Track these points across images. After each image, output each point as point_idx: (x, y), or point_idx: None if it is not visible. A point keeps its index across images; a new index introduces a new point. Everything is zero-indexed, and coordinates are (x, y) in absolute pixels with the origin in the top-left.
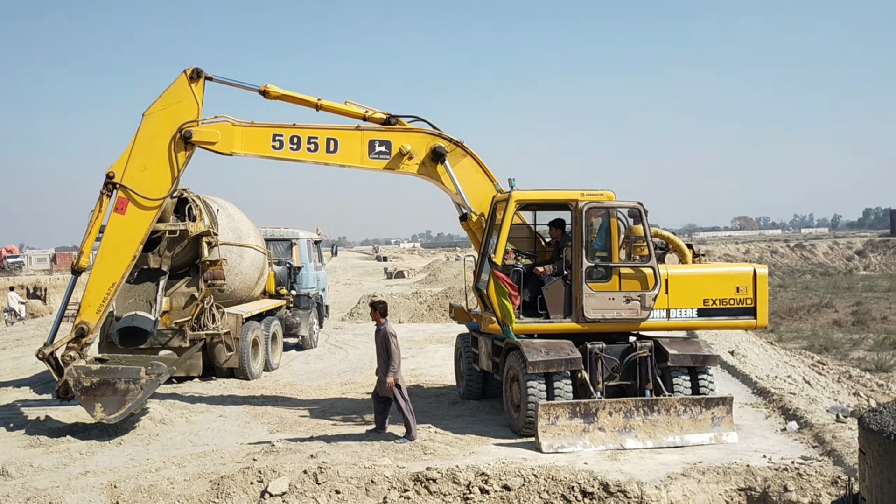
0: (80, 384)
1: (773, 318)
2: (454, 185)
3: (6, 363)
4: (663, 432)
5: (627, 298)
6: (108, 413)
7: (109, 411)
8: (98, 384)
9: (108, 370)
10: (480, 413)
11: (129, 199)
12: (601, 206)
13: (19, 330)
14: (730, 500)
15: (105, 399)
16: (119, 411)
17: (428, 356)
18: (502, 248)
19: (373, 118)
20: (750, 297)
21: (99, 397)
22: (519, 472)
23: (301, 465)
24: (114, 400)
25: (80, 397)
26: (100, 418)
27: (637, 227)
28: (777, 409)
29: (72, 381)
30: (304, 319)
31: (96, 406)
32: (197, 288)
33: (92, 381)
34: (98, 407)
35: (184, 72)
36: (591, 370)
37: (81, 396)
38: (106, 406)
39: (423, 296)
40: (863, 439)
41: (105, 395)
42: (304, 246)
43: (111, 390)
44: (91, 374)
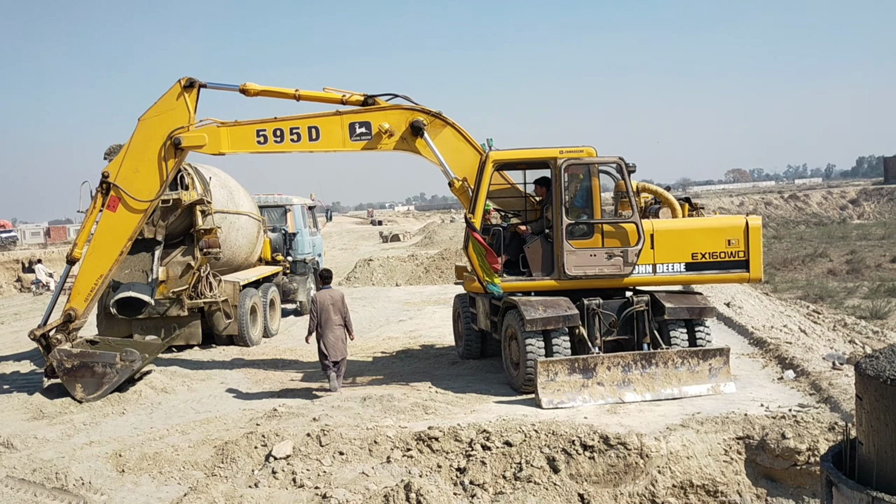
0: (63, 366)
1: (769, 269)
2: (435, 155)
3: (5, 337)
4: (661, 385)
5: (609, 254)
6: (88, 393)
7: (88, 392)
8: (78, 367)
9: (88, 354)
10: (480, 372)
11: (120, 199)
12: (580, 162)
13: (16, 305)
14: (728, 448)
15: (84, 381)
16: (97, 392)
17: (426, 317)
18: (480, 208)
19: (350, 101)
20: (742, 250)
21: (79, 379)
22: (520, 428)
23: (304, 429)
24: (92, 382)
25: (63, 378)
26: (80, 398)
27: (621, 184)
28: (774, 359)
29: (55, 362)
30: (302, 285)
31: (77, 386)
32: (193, 256)
33: (73, 364)
34: (78, 387)
35: (178, 81)
36: (588, 326)
37: (63, 377)
38: (85, 387)
39: (420, 258)
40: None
41: (85, 377)
42: (298, 212)
43: (90, 373)
44: (72, 357)
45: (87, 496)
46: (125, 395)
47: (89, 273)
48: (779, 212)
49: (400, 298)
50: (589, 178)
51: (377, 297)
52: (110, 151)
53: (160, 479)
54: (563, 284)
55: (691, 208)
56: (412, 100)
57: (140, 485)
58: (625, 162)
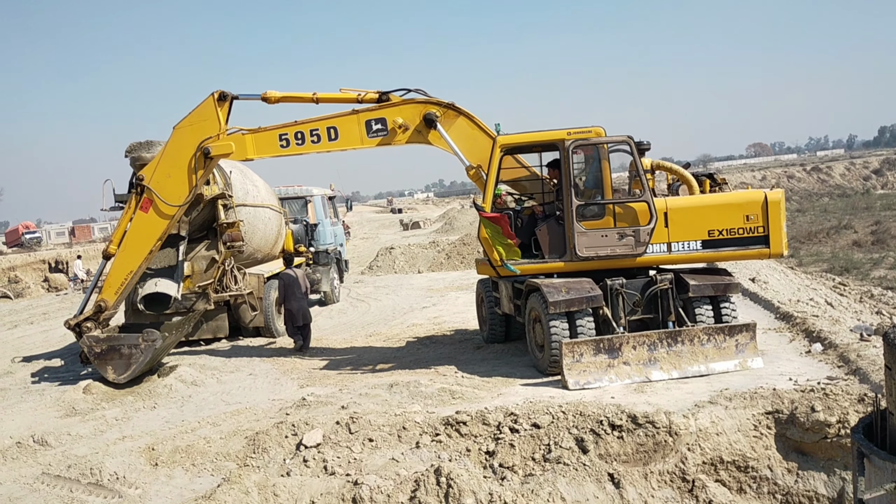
0: (93, 350)
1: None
2: (449, 145)
3: (35, 336)
4: (688, 362)
5: (621, 234)
6: (118, 374)
7: (119, 373)
8: (107, 350)
9: (113, 338)
10: (505, 356)
11: (152, 201)
12: (588, 143)
13: (44, 304)
14: (758, 423)
15: (114, 363)
16: (126, 372)
17: (449, 303)
18: (490, 192)
19: (366, 99)
20: (761, 225)
21: (109, 361)
22: (547, 409)
23: (333, 417)
24: (121, 363)
25: (94, 362)
26: (112, 378)
27: (633, 163)
28: (801, 333)
29: (86, 348)
30: (325, 275)
31: (108, 368)
32: (216, 251)
33: (102, 348)
34: (109, 369)
35: (212, 94)
36: (612, 306)
37: (95, 361)
38: (115, 368)
39: (441, 245)
40: (888, 355)
41: (114, 360)
42: (318, 202)
43: (118, 355)
44: (100, 342)
45: (121, 490)
46: (155, 389)
47: (120, 268)
48: (801, 185)
49: (422, 285)
50: (598, 158)
51: (400, 285)
52: (131, 149)
53: (193, 472)
54: (574, 266)
55: (713, 184)
56: (426, 93)
57: (173, 477)
58: (634, 141)
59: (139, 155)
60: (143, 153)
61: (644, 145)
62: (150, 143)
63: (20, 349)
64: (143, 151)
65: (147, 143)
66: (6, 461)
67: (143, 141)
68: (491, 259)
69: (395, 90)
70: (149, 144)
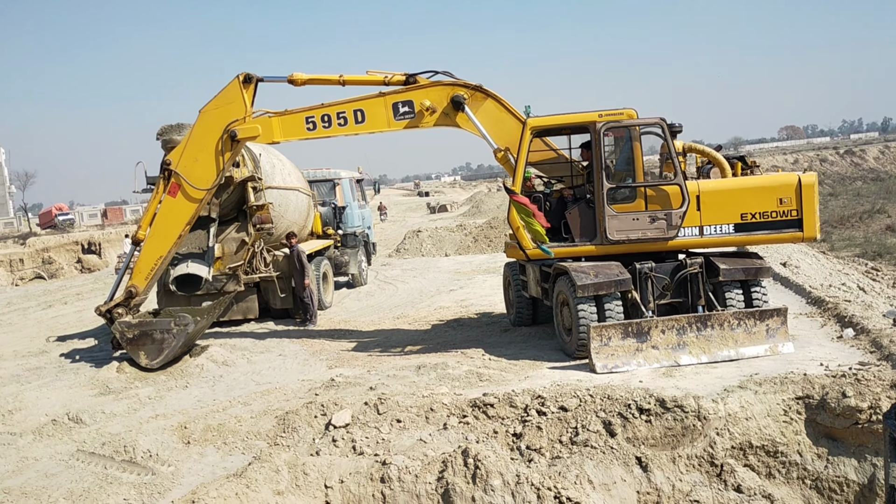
0: (125, 336)
1: (825, 226)
2: (476, 128)
3: (69, 316)
4: (718, 347)
5: (653, 218)
6: (151, 359)
7: (151, 358)
8: (139, 336)
9: (146, 323)
10: (532, 339)
11: (180, 186)
12: (619, 125)
13: (78, 285)
14: (788, 409)
15: (146, 348)
16: (159, 357)
17: (476, 286)
18: (520, 175)
19: (393, 82)
20: (795, 209)
21: (141, 346)
22: (575, 393)
23: (362, 398)
24: (153, 348)
25: (127, 347)
26: (144, 364)
27: (664, 145)
28: (832, 318)
29: (118, 334)
30: (353, 258)
31: (140, 354)
32: (246, 233)
33: (134, 334)
34: (142, 354)
35: (237, 76)
36: (640, 290)
37: (127, 346)
38: (148, 353)
39: (468, 228)
40: None
41: (146, 345)
42: (346, 185)
43: (150, 340)
44: (132, 328)
45: (154, 467)
46: (188, 368)
47: (150, 253)
48: (835, 168)
49: (450, 268)
50: (630, 140)
51: (427, 268)
52: (163, 132)
53: (225, 450)
54: (604, 249)
55: (745, 166)
56: (453, 75)
57: (205, 455)
58: (667, 123)
59: (170, 137)
60: (174, 135)
61: (676, 127)
62: (181, 125)
63: (55, 329)
64: (174, 134)
65: (178, 125)
66: (42, 438)
67: (174, 124)
68: (520, 242)
69: (422, 72)
70: (179, 127)
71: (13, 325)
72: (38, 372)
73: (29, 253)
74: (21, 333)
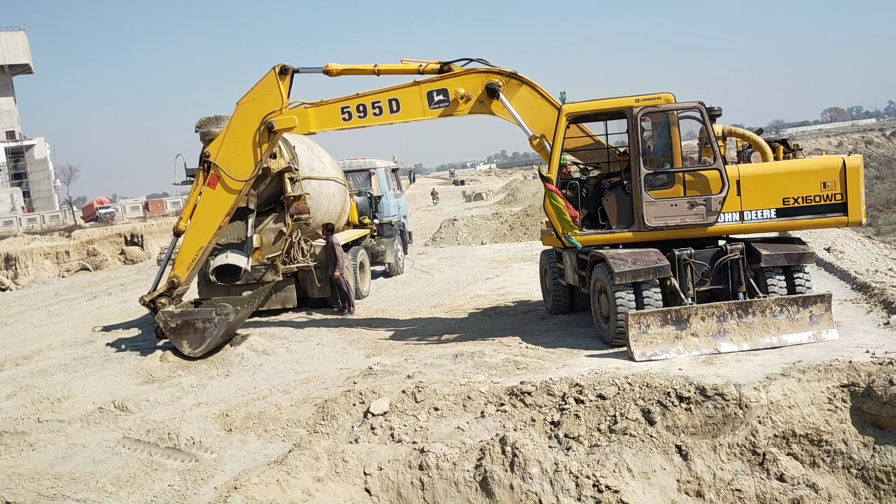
0: (168, 325)
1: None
2: (512, 115)
3: (114, 307)
4: (759, 334)
5: (692, 204)
6: (193, 348)
7: (194, 346)
8: (181, 325)
9: (188, 313)
10: (569, 327)
11: (219, 177)
12: (657, 110)
13: (121, 276)
14: (832, 397)
15: (189, 337)
16: (201, 346)
17: (513, 275)
18: (556, 163)
19: (427, 70)
20: (839, 192)
21: (184, 336)
22: (613, 381)
23: (399, 386)
24: (196, 337)
25: (170, 336)
26: (187, 352)
27: (703, 130)
28: (879, 304)
29: (161, 323)
30: (389, 247)
31: (183, 343)
32: (284, 223)
33: (177, 323)
34: (185, 343)
35: (273, 68)
36: (680, 277)
37: (171, 336)
38: (190, 342)
39: (504, 216)
40: None
41: (189, 334)
42: (382, 175)
43: (192, 329)
44: (175, 317)
45: (198, 454)
46: (228, 357)
47: (191, 244)
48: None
49: (486, 257)
50: (668, 125)
51: (463, 257)
52: (201, 124)
53: (265, 437)
54: (643, 236)
55: (787, 150)
56: (488, 62)
57: (247, 443)
58: (706, 107)
59: (209, 130)
60: (213, 128)
61: (715, 111)
62: (220, 118)
63: (100, 319)
64: (212, 126)
65: (216, 118)
66: (89, 425)
67: (212, 116)
68: (556, 230)
69: (456, 60)
70: (218, 119)
71: (61, 315)
72: (84, 361)
73: (74, 245)
74: (68, 324)
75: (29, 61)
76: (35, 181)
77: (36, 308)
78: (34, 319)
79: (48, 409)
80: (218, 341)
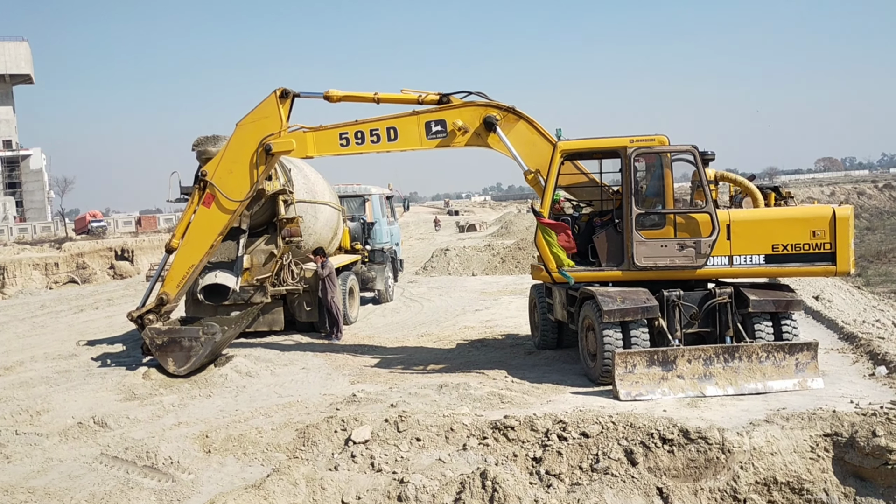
0: (155, 342)
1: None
2: (508, 149)
3: (99, 321)
4: (745, 379)
5: (681, 245)
6: (179, 366)
7: (179, 365)
8: (168, 342)
9: (175, 331)
10: (556, 362)
11: (214, 197)
12: (651, 151)
13: (109, 290)
14: (815, 445)
15: (174, 355)
16: (187, 365)
17: (502, 307)
18: (549, 198)
19: (426, 101)
20: (828, 242)
21: (169, 353)
22: (597, 419)
23: (382, 414)
24: (181, 355)
25: (156, 353)
26: (172, 370)
27: (696, 173)
28: (865, 354)
29: (147, 340)
30: (380, 274)
31: (168, 360)
32: (275, 245)
33: (163, 340)
34: (170, 361)
35: (274, 91)
36: (668, 318)
37: (156, 353)
38: (176, 360)
39: (496, 248)
40: None
41: (174, 352)
42: (376, 201)
43: (178, 347)
44: (162, 335)
45: (175, 475)
46: (212, 378)
47: (183, 262)
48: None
49: (476, 288)
50: (661, 167)
51: (453, 287)
52: (198, 143)
53: (244, 460)
54: (632, 275)
55: (779, 197)
56: (487, 96)
57: (225, 465)
58: (698, 150)
59: (205, 149)
60: (210, 147)
61: (708, 155)
62: (217, 137)
63: (85, 333)
64: (209, 146)
65: (213, 137)
66: (67, 440)
67: (209, 135)
68: (546, 265)
69: (455, 92)
70: (215, 139)
71: (45, 327)
72: (66, 375)
73: (64, 257)
74: (52, 336)
75: (30, 71)
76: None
77: (21, 319)
78: (18, 330)
79: (27, 422)
80: (203, 361)
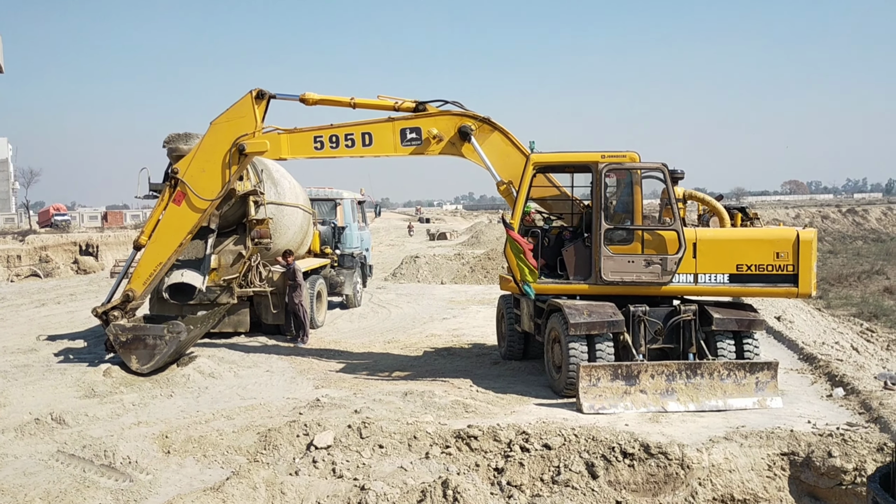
0: (118, 339)
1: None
2: (482, 159)
3: (61, 316)
4: (706, 396)
5: (648, 261)
6: (142, 364)
7: (142, 363)
8: (132, 339)
9: (139, 328)
10: (521, 373)
11: (185, 195)
12: (621, 167)
13: (72, 286)
14: (772, 464)
15: (138, 352)
16: (150, 363)
17: (470, 317)
18: (520, 209)
19: (403, 108)
20: (791, 264)
21: (133, 351)
22: (560, 431)
23: (345, 420)
24: (145, 353)
25: (119, 350)
26: (135, 368)
27: (665, 190)
28: (823, 376)
29: (111, 336)
30: (349, 279)
31: (132, 358)
32: (244, 246)
33: (127, 337)
34: (133, 359)
35: (250, 92)
36: (633, 333)
37: (120, 349)
38: (139, 358)
39: (466, 257)
40: None
41: (138, 349)
42: (347, 206)
43: (142, 345)
44: (126, 332)
45: (133, 475)
46: (174, 377)
47: (151, 259)
48: (836, 226)
49: (444, 296)
50: (631, 183)
51: (422, 294)
52: (170, 140)
53: (204, 462)
54: (598, 289)
55: (745, 218)
56: (463, 105)
57: (184, 466)
58: (669, 168)
59: (177, 146)
60: (181, 145)
61: (678, 174)
62: (189, 135)
63: (46, 327)
64: (181, 143)
65: (185, 134)
66: (24, 436)
67: (181, 133)
68: (515, 276)
69: (432, 101)
70: (187, 136)
71: (5, 321)
72: (25, 370)
73: (27, 250)
74: (12, 330)
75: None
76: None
77: None
78: None
79: None
80: (167, 359)
